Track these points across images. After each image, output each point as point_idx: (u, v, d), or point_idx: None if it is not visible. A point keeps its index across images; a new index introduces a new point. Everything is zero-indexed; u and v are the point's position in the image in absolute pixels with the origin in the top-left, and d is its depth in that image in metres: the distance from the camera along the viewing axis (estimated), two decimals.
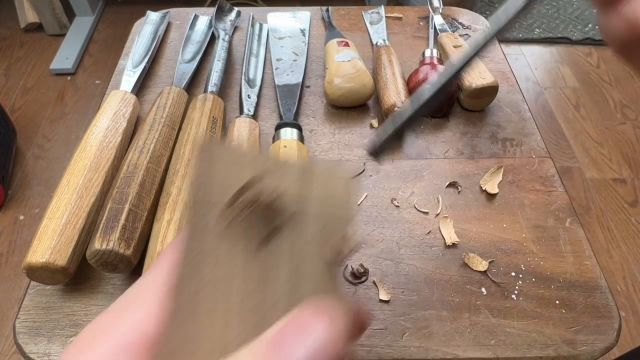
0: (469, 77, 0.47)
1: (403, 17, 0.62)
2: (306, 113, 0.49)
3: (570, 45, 1.78)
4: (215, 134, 0.41)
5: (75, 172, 0.36)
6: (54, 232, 0.32)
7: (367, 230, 0.38)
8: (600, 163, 1.37)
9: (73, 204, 0.34)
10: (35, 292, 0.34)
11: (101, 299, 0.34)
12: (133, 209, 0.34)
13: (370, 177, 0.43)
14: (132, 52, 0.52)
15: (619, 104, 1.55)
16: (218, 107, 0.44)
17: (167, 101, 0.43)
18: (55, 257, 0.31)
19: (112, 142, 0.39)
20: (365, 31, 0.60)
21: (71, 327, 0.32)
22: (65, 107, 1.50)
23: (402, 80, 0.48)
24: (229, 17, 0.59)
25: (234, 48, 0.57)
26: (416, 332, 0.32)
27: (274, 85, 0.51)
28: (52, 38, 1.76)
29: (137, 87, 0.48)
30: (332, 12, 0.61)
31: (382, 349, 0.31)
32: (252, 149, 0.18)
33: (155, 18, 0.57)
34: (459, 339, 0.32)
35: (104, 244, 0.31)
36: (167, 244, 0.32)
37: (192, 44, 0.55)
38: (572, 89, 1.60)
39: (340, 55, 0.48)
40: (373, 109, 0.49)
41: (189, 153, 0.38)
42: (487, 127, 0.48)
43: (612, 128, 1.47)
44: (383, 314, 0.33)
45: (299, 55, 0.54)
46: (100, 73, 1.63)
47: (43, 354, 0.31)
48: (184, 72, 0.50)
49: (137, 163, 0.37)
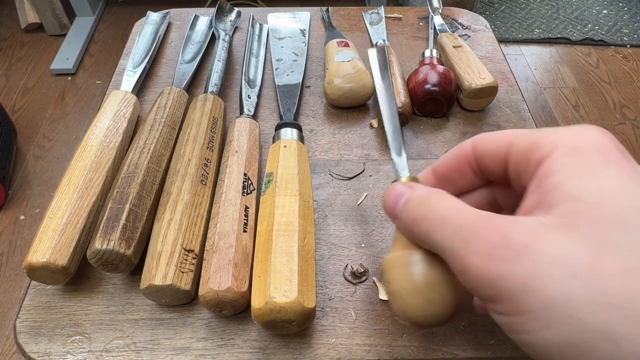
0: (468, 77, 0.47)
1: (403, 18, 0.62)
2: (306, 113, 0.49)
3: (569, 46, 1.78)
4: (215, 134, 0.41)
5: (75, 172, 0.36)
6: (55, 232, 0.32)
7: (367, 230, 0.38)
8: None
9: (74, 203, 0.34)
10: (36, 292, 0.35)
11: (102, 298, 0.34)
12: (133, 209, 0.34)
13: (370, 177, 0.43)
14: (132, 52, 0.52)
15: (618, 104, 1.55)
16: (218, 107, 0.44)
17: (168, 101, 0.43)
18: (55, 257, 0.31)
19: (113, 142, 0.40)
20: (365, 31, 0.60)
21: (72, 327, 0.32)
22: (66, 107, 1.51)
23: (402, 80, 0.48)
24: (229, 17, 0.60)
25: (234, 48, 0.57)
26: (416, 331, 0.32)
27: (274, 86, 0.51)
28: (53, 38, 1.76)
29: (137, 87, 0.48)
30: (332, 12, 0.62)
31: (381, 349, 0.32)
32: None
33: (156, 18, 0.58)
34: (459, 338, 0.32)
35: (104, 243, 0.31)
36: (167, 244, 0.32)
37: (192, 44, 0.55)
38: (572, 89, 1.60)
39: (340, 55, 0.49)
40: (373, 109, 0.49)
41: (189, 153, 0.38)
42: (487, 127, 0.48)
43: (612, 128, 1.47)
44: (383, 313, 0.33)
45: (299, 56, 0.54)
46: (100, 73, 1.63)
47: (44, 353, 0.31)
48: (184, 72, 0.50)
49: (138, 163, 0.37)
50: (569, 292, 0.18)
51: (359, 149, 0.45)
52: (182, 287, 0.31)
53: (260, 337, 0.32)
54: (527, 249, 0.19)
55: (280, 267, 0.30)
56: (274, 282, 0.29)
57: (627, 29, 1.84)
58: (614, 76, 1.65)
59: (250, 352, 0.31)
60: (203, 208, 0.36)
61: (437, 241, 0.23)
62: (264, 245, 0.32)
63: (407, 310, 0.26)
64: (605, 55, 1.74)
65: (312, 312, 0.29)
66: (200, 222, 0.35)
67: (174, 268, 0.31)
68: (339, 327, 0.33)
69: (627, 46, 1.78)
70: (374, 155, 0.45)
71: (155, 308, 0.34)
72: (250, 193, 0.37)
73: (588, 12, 1.91)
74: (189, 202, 0.35)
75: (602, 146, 0.21)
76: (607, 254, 0.18)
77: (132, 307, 0.34)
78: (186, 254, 0.32)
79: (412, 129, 0.48)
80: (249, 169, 0.38)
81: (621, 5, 1.96)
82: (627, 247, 0.18)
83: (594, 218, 0.19)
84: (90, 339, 0.32)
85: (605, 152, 0.20)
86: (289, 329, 0.30)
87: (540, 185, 0.21)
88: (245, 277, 0.32)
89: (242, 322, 0.33)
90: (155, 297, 0.32)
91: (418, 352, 0.31)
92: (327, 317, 0.33)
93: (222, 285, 0.30)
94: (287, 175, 0.36)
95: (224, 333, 0.32)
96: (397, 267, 0.26)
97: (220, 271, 0.31)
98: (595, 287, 0.17)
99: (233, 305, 0.31)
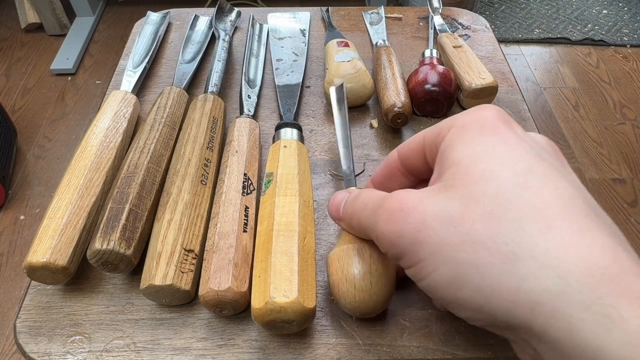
0: (468, 77, 0.47)
1: (403, 18, 0.62)
2: (306, 113, 0.49)
3: (569, 46, 1.78)
4: (215, 134, 0.41)
5: (75, 172, 0.36)
6: (55, 232, 0.32)
7: None
8: (599, 163, 1.37)
9: (74, 204, 0.34)
10: (36, 292, 0.35)
11: (102, 298, 0.34)
12: (133, 209, 0.34)
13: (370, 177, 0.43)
14: (132, 52, 0.52)
15: (618, 104, 1.55)
16: (218, 107, 0.44)
17: (168, 101, 0.43)
18: (56, 257, 0.31)
19: (113, 142, 0.40)
20: (365, 31, 0.60)
21: (72, 327, 0.32)
22: (66, 107, 1.51)
23: (402, 80, 0.48)
24: (229, 17, 0.60)
25: (234, 48, 0.57)
26: (415, 331, 0.32)
27: (274, 86, 0.51)
28: (53, 38, 1.77)
29: (137, 88, 0.48)
30: (332, 12, 0.62)
31: (381, 349, 0.31)
32: None
33: (156, 18, 0.58)
34: (459, 338, 0.32)
35: (104, 243, 0.31)
36: (167, 244, 0.32)
37: (192, 44, 0.55)
38: (572, 89, 1.60)
39: (340, 55, 0.49)
40: (373, 109, 0.49)
41: (189, 153, 0.38)
42: None
43: (612, 128, 1.47)
44: (383, 313, 0.33)
45: (299, 56, 0.54)
46: (100, 73, 1.63)
47: (44, 353, 0.31)
48: (184, 72, 0.50)
49: (138, 163, 0.37)
50: (446, 238, 0.22)
51: (359, 149, 0.45)
52: (182, 287, 0.31)
53: (260, 337, 0.32)
54: (415, 210, 0.23)
55: (280, 267, 0.30)
56: (274, 282, 0.29)
57: (627, 29, 1.84)
58: (614, 76, 1.65)
59: (250, 352, 0.31)
60: (203, 208, 0.36)
61: (363, 225, 0.27)
62: (264, 245, 0.32)
63: (342, 298, 0.29)
64: (605, 55, 1.74)
65: (312, 312, 0.29)
66: (200, 222, 0.35)
67: (174, 268, 0.31)
68: (339, 327, 0.33)
69: (627, 46, 1.78)
70: (374, 155, 0.45)
71: (155, 308, 0.34)
72: (250, 193, 0.37)
73: (588, 12, 1.91)
74: (189, 202, 0.35)
75: (485, 119, 0.25)
76: (473, 202, 0.22)
77: (132, 307, 0.34)
78: (186, 254, 0.32)
79: (412, 129, 0.48)
80: (249, 169, 0.38)
81: (621, 5, 1.96)
82: (489, 195, 0.21)
83: (466, 176, 0.23)
84: (90, 339, 0.32)
85: (487, 124, 0.24)
86: (289, 329, 0.30)
87: (438, 161, 0.26)
88: (245, 277, 0.32)
89: (242, 322, 0.33)
90: (155, 297, 0.32)
91: (418, 352, 0.31)
92: (327, 317, 0.33)
93: (222, 285, 0.30)
94: (287, 175, 0.36)
95: (224, 333, 0.32)
96: (336, 260, 0.30)
97: (220, 271, 0.31)
98: (465, 230, 0.21)
99: (233, 305, 0.31)
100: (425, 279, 0.23)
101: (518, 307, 0.20)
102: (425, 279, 0.23)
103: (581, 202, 0.21)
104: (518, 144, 0.23)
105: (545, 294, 0.19)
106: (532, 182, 0.21)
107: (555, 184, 0.21)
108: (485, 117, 0.25)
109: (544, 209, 0.20)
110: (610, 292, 0.18)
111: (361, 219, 0.27)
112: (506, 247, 0.20)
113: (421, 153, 0.28)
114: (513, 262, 0.20)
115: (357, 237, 0.30)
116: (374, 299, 0.29)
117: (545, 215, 0.20)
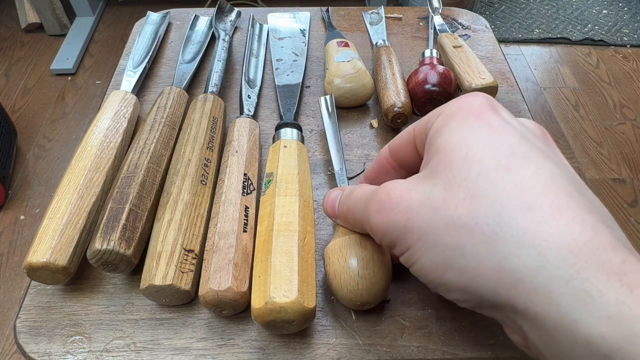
0: (468, 77, 0.47)
1: (403, 18, 0.62)
2: (306, 113, 0.49)
3: (569, 46, 1.78)
4: (215, 134, 0.41)
5: (75, 172, 0.36)
6: (55, 232, 0.32)
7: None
8: (599, 163, 1.37)
9: (74, 203, 0.34)
10: (36, 292, 0.35)
11: (102, 298, 0.34)
12: (133, 209, 0.34)
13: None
14: (132, 52, 0.52)
15: (618, 104, 1.55)
16: (218, 107, 0.44)
17: (168, 101, 0.43)
18: (56, 257, 0.31)
19: (113, 142, 0.40)
20: (365, 31, 0.60)
21: (72, 327, 0.32)
22: (66, 107, 1.51)
23: (402, 80, 0.48)
24: (229, 17, 0.60)
25: (234, 48, 0.57)
26: (415, 331, 0.32)
27: (274, 86, 0.51)
28: (53, 38, 1.77)
29: (137, 88, 0.48)
30: (332, 12, 0.62)
31: (381, 349, 0.32)
32: None
33: (156, 18, 0.58)
34: (459, 338, 0.32)
35: (104, 243, 0.31)
36: (167, 244, 0.32)
37: (192, 44, 0.55)
38: (572, 89, 1.60)
39: (340, 55, 0.49)
40: (373, 109, 0.49)
41: (189, 153, 0.38)
42: None
43: (612, 128, 1.47)
44: (383, 313, 0.33)
45: (299, 56, 0.54)
46: (100, 73, 1.63)
47: (44, 353, 0.31)
48: (184, 72, 0.50)
49: (138, 163, 0.37)
50: (432, 223, 0.22)
51: (359, 149, 0.45)
52: (182, 287, 0.31)
53: (260, 337, 0.32)
54: (402, 199, 0.24)
55: (280, 267, 0.30)
56: (274, 282, 0.29)
57: (627, 29, 1.84)
58: (614, 76, 1.65)
59: (250, 352, 0.32)
60: (203, 208, 0.36)
61: (358, 219, 0.28)
62: (264, 245, 0.32)
63: (343, 288, 0.30)
64: (605, 55, 1.74)
65: (312, 312, 0.29)
66: (200, 222, 0.35)
67: (174, 268, 0.31)
68: (339, 327, 0.33)
69: (627, 46, 1.78)
70: (374, 155, 0.45)
71: (155, 308, 0.34)
72: (250, 193, 0.37)
73: (588, 12, 1.91)
74: (189, 202, 0.35)
75: (471, 105, 0.25)
76: (456, 186, 0.22)
77: (132, 307, 0.34)
78: (186, 254, 0.32)
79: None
80: (249, 169, 0.38)
81: (621, 5, 1.96)
82: (471, 178, 0.22)
83: (450, 162, 0.23)
84: (90, 339, 0.32)
85: (472, 110, 0.25)
86: (289, 329, 0.30)
87: (426, 149, 0.26)
88: (245, 277, 0.32)
89: (242, 322, 0.33)
90: (155, 297, 0.32)
91: (418, 352, 0.31)
92: (327, 317, 0.33)
93: (222, 285, 0.30)
94: (287, 175, 0.36)
95: (224, 333, 0.32)
96: (337, 249, 0.31)
97: (220, 271, 0.31)
98: (448, 214, 0.22)
99: (233, 305, 0.31)
100: (415, 264, 0.24)
101: (500, 285, 0.20)
102: (415, 264, 0.24)
103: (563, 180, 0.21)
104: (502, 127, 0.23)
105: (525, 271, 0.19)
106: (513, 163, 0.22)
107: (537, 164, 0.22)
108: (471, 103, 0.25)
109: (524, 189, 0.21)
110: (588, 267, 0.18)
111: (356, 214, 0.28)
112: (488, 228, 0.21)
113: (412, 144, 0.29)
114: (494, 241, 0.20)
115: (353, 231, 0.31)
116: (375, 287, 0.30)
117: (526, 194, 0.21)
